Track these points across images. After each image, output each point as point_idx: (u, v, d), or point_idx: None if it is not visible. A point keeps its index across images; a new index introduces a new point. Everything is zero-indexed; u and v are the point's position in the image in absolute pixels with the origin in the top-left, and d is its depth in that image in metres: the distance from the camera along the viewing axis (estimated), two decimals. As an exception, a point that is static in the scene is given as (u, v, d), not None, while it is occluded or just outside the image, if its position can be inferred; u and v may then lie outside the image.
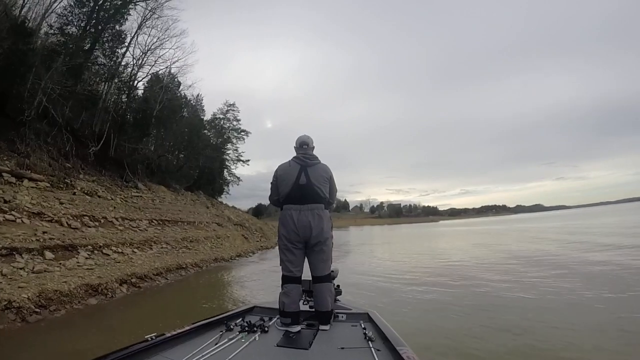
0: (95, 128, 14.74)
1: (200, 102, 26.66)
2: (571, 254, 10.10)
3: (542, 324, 4.13)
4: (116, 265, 7.70)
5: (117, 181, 15.18)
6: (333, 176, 2.29)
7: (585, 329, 3.88)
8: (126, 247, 9.18)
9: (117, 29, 14.52)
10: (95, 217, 10.27)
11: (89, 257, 7.60)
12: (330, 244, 2.20)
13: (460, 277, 7.65)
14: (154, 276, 7.95)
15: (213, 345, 1.68)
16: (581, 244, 12.50)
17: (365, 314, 2.23)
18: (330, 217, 2.23)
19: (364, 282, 7.56)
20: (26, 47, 11.43)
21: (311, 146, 2.31)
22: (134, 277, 7.34)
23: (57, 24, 13.05)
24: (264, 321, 2.07)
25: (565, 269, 7.66)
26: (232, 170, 32.46)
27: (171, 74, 21.97)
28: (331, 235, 2.22)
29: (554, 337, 3.69)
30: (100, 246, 8.33)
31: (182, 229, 14.18)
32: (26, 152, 11.21)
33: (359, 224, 64.20)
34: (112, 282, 6.67)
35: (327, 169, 2.26)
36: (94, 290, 6.24)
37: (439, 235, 29.63)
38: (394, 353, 1.52)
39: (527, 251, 12.04)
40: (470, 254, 12.55)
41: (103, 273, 6.92)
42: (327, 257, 2.18)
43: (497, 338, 3.80)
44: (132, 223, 11.56)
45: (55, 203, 9.71)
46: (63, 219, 8.89)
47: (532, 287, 6.18)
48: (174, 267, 9.10)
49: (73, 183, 11.80)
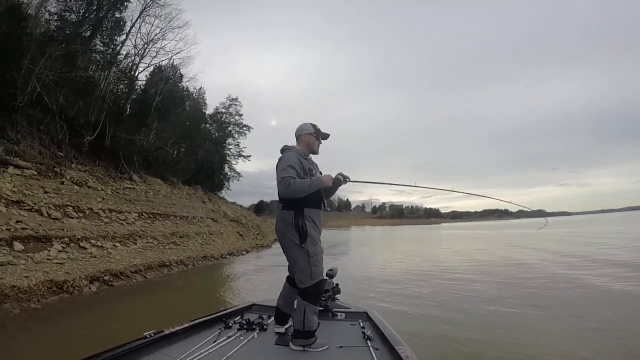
0: (91, 117, 14.51)
1: (202, 95, 26.45)
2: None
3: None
4: (91, 260, 7.36)
5: (111, 172, 14.95)
6: (279, 163, 1.91)
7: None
8: (107, 240, 8.86)
9: (117, 17, 14.27)
10: (80, 207, 9.99)
11: (62, 250, 7.27)
12: (299, 252, 1.83)
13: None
14: (131, 274, 7.59)
15: (212, 342, 1.70)
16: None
17: (364, 313, 2.21)
18: (294, 218, 1.84)
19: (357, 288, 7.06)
20: (21, 31, 11.21)
21: (297, 135, 2.11)
22: (107, 274, 6.99)
23: (56, 9, 12.83)
24: (263, 319, 2.07)
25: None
26: (232, 166, 32.26)
27: (174, 66, 21.78)
28: (295, 241, 1.83)
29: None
30: (78, 239, 8.01)
31: (174, 223, 13.87)
32: (16, 139, 10.99)
33: (360, 224, 63.74)
34: (80, 279, 6.32)
35: (280, 158, 1.95)
36: (58, 288, 5.90)
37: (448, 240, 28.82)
38: (392, 352, 1.54)
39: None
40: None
41: (73, 268, 6.58)
42: (298, 266, 1.85)
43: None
44: (120, 215, 11.27)
45: (39, 192, 9.45)
46: (43, 209, 8.61)
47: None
48: (156, 264, 8.74)
49: (62, 172, 11.56)
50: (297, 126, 2.12)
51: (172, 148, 21.20)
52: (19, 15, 11.14)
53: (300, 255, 1.82)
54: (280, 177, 1.77)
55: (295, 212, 1.84)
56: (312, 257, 1.80)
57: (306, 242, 1.81)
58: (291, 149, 2.02)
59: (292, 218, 1.83)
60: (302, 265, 1.81)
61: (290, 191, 1.75)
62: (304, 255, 1.81)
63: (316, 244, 1.86)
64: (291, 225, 1.83)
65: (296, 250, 1.83)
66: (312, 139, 2.06)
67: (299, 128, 2.08)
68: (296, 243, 1.82)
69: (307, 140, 2.06)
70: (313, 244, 1.83)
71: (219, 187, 29.20)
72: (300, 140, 2.07)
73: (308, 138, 2.06)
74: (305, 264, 1.80)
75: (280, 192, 1.79)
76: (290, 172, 1.80)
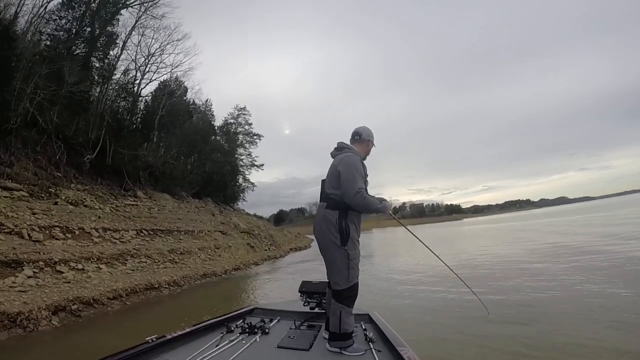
0: (91, 135, 14.24)
1: (209, 107, 26.21)
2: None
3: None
4: (62, 286, 6.52)
5: (114, 190, 14.56)
6: (349, 165, 1.83)
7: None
8: (91, 262, 8.08)
9: (109, 30, 14.06)
10: (69, 228, 9.37)
11: (33, 275, 6.50)
12: (338, 253, 1.81)
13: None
14: (107, 300, 6.67)
15: (214, 346, 1.72)
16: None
17: (366, 315, 2.21)
18: (339, 219, 1.81)
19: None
20: (10, 52, 11.05)
21: (355, 137, 2.06)
22: (77, 303, 6.08)
23: (47, 29, 12.74)
24: (265, 323, 2.11)
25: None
26: (246, 176, 31.75)
27: (178, 80, 21.63)
28: (336, 241, 1.80)
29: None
30: (55, 262, 7.25)
31: (177, 239, 13.11)
32: (9, 161, 10.72)
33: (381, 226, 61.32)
34: (39, 310, 5.44)
35: (344, 158, 1.89)
36: (11, 321, 5.02)
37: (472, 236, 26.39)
38: (394, 354, 1.55)
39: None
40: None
41: (35, 297, 5.73)
42: (335, 268, 1.83)
43: None
44: (115, 234, 10.60)
45: (26, 213, 8.92)
46: (25, 231, 7.99)
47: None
48: (142, 287, 7.81)
49: (57, 192, 11.14)
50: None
51: (178, 162, 20.84)
52: (7, 35, 10.98)
53: (339, 256, 1.81)
54: (358, 187, 1.77)
55: (341, 212, 1.83)
56: (351, 260, 1.81)
57: (347, 243, 1.81)
58: (351, 149, 1.99)
59: (336, 218, 1.83)
60: (340, 267, 1.81)
61: (363, 204, 1.78)
62: (343, 257, 1.81)
63: (356, 247, 1.85)
64: (334, 226, 1.82)
65: (336, 251, 1.82)
66: (371, 147, 2.10)
67: (366, 132, 2.06)
68: (336, 244, 1.81)
69: (368, 147, 2.08)
70: (353, 246, 1.83)
71: (233, 198, 28.66)
72: (361, 144, 2.05)
73: (370, 145, 2.08)
74: (344, 266, 1.80)
75: (353, 202, 1.79)
76: (362, 181, 1.84)
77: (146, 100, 18.77)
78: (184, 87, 22.45)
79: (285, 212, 78.01)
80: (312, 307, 2.28)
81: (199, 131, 23.35)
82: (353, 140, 2.04)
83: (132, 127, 16.43)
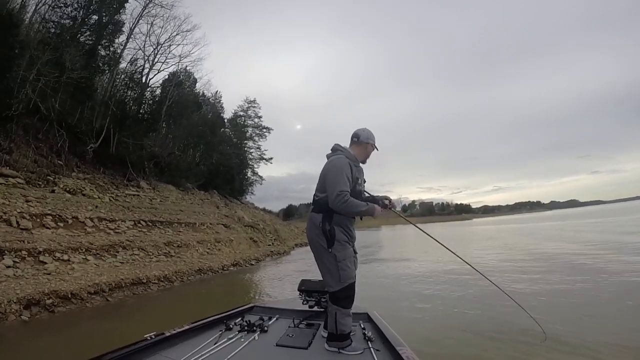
0: (95, 124, 14.12)
1: (219, 99, 25.96)
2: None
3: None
4: (41, 278, 6.23)
5: (116, 179, 14.45)
6: (334, 167, 1.82)
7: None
8: (78, 253, 7.81)
9: (116, 19, 13.84)
10: (62, 217, 9.18)
11: (12, 265, 6.25)
12: (326, 255, 1.81)
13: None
14: (87, 295, 6.33)
15: (212, 344, 1.72)
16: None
17: (365, 314, 2.21)
18: (322, 222, 1.81)
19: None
20: (12, 38, 10.93)
21: (353, 139, 2.02)
22: (52, 297, 5.76)
23: (52, 16, 12.60)
24: (263, 320, 2.11)
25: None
26: (255, 170, 31.49)
27: (187, 71, 21.40)
28: (323, 245, 1.81)
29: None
30: (39, 252, 7.00)
31: (176, 231, 12.84)
32: (8, 148, 10.66)
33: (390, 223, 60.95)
34: (9, 304, 5.13)
35: (332, 160, 1.88)
36: (-26, 316, 4.72)
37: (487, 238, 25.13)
38: (393, 353, 1.56)
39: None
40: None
41: (7, 289, 5.44)
42: (325, 270, 1.83)
43: None
44: (110, 224, 10.38)
45: (19, 200, 8.77)
46: (14, 218, 7.81)
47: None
48: (129, 282, 7.47)
49: (56, 180, 11.02)
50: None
51: (186, 153, 20.67)
52: (10, 21, 10.86)
53: (328, 259, 1.80)
54: (339, 189, 1.74)
55: (324, 215, 1.82)
56: (339, 262, 1.78)
57: (334, 246, 1.79)
58: (343, 151, 1.95)
59: (319, 221, 1.82)
60: (330, 269, 1.80)
61: (344, 208, 1.75)
62: (331, 259, 1.79)
63: (345, 247, 1.82)
64: (318, 229, 1.81)
65: (324, 255, 1.82)
66: (371, 150, 2.05)
67: (365, 135, 2.00)
68: (323, 247, 1.80)
69: (367, 149, 2.02)
70: (342, 247, 1.80)
71: (241, 192, 28.46)
72: (359, 146, 1.99)
73: (369, 148, 2.02)
74: (333, 268, 1.79)
75: (334, 206, 1.76)
76: (347, 184, 1.78)
77: (154, 90, 18.62)
78: (193, 79, 22.25)
79: (295, 206, 77.88)
80: (311, 305, 2.28)
81: (207, 122, 23.14)
82: (351, 142, 2.01)
83: (139, 117, 16.24)
